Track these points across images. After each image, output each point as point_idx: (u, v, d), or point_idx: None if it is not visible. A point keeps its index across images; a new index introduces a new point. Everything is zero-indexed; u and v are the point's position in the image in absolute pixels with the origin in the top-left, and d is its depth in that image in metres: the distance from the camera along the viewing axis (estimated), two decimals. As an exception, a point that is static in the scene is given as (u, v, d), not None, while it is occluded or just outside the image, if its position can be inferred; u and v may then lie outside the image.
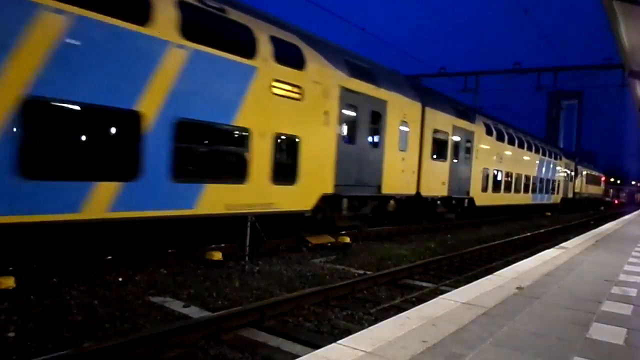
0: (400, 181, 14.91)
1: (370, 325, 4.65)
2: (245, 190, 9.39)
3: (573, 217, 33.03)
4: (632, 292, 5.96)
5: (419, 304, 5.01)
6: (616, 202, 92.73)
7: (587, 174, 50.04)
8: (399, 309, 6.28)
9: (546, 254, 9.00)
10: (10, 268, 6.81)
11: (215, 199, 8.75)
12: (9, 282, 6.23)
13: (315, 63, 11.07)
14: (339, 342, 3.49)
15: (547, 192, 33.33)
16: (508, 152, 25.09)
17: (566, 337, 3.98)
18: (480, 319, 4.33)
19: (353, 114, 12.57)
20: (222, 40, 8.92)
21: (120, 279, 7.32)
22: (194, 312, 6.14)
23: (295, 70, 10.46)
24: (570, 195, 40.76)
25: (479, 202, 21.26)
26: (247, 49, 9.34)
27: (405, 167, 15.12)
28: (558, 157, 36.23)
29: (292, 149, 10.62)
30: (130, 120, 7.38)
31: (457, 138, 18.91)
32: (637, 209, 46.38)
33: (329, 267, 9.48)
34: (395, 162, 14.58)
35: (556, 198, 36.11)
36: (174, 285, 7.24)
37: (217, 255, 9.02)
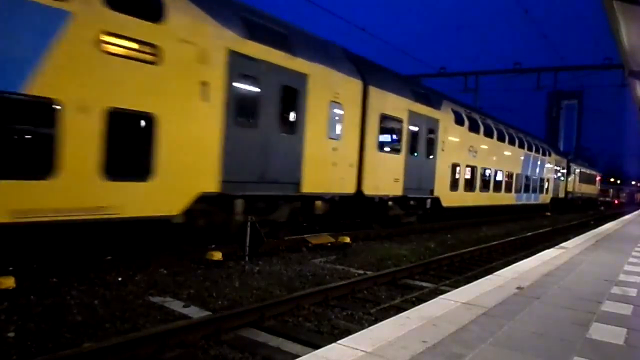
0: (330, 177, 12.02)
1: (370, 325, 4.65)
2: (52, 189, 6.64)
3: (573, 217, 33.01)
4: (632, 292, 5.96)
5: (419, 304, 5.01)
6: (616, 202, 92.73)
7: (580, 172, 46.86)
8: (399, 309, 6.27)
9: (546, 254, 9.00)
10: (10, 268, 6.81)
11: None
12: (9, 282, 6.23)
13: (183, 15, 8.20)
14: (339, 342, 3.49)
15: (534, 191, 30.17)
16: (485, 146, 21.89)
17: (566, 337, 3.98)
18: (480, 319, 4.33)
19: (252, 88, 9.69)
20: None
21: (120, 279, 7.32)
22: (194, 312, 6.14)
23: (147, 22, 7.62)
24: (561, 195, 38.02)
25: (447, 202, 18.10)
26: None
27: (338, 159, 12.21)
28: (547, 153, 32.80)
29: (144, 131, 7.78)
30: None
31: (415, 127, 15.65)
32: (637, 209, 46.16)
33: (329, 267, 9.48)
34: (322, 152, 11.69)
35: (545, 198, 33.27)
36: (174, 285, 7.24)
37: (217, 255, 9.02)
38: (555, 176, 35.51)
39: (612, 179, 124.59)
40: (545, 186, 33.01)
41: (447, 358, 3.31)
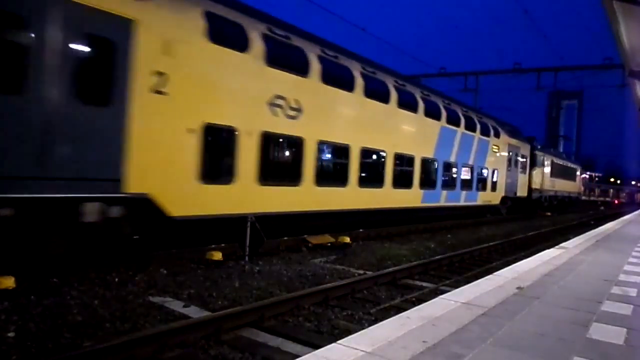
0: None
1: (370, 325, 4.65)
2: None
3: (573, 217, 33.00)
4: (632, 292, 5.96)
5: (419, 304, 5.01)
6: (616, 202, 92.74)
7: (553, 164, 35.97)
8: (399, 309, 6.27)
9: (546, 254, 9.00)
10: (10, 268, 6.81)
11: None
12: (9, 282, 6.24)
13: None
14: (339, 342, 3.49)
15: (465, 187, 20.39)
16: (345, 104, 12.85)
17: (566, 337, 3.98)
18: (480, 319, 4.33)
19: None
20: None
21: (120, 279, 7.32)
22: (194, 312, 6.14)
23: None
24: (521, 192, 28.10)
25: (179, 208, 8.44)
26: None
27: None
28: (493, 133, 23.05)
29: None
30: None
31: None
32: (637, 209, 45.87)
33: (329, 267, 9.49)
34: None
35: (490, 197, 23.38)
36: (174, 285, 7.24)
37: (217, 255, 9.02)
38: (510, 167, 25.58)
39: (611, 179, 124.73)
40: (491, 180, 23.15)
41: (447, 358, 3.31)
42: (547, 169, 34.15)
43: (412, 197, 16.46)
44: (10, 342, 4.75)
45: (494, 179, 23.76)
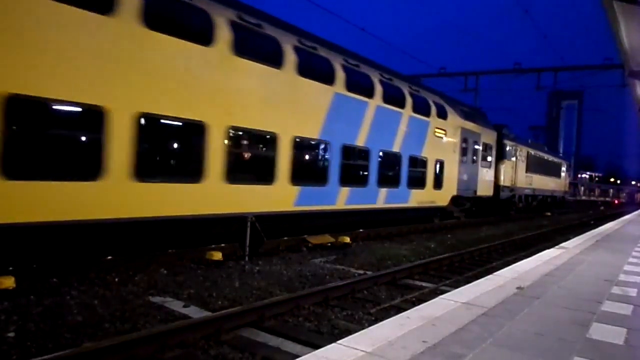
0: None
1: (370, 325, 4.65)
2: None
3: (573, 217, 32.98)
4: (632, 292, 5.96)
5: (419, 304, 5.01)
6: (616, 202, 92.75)
7: (532, 156, 30.16)
8: (399, 309, 6.28)
9: (546, 254, 9.00)
10: (10, 268, 6.81)
11: None
12: (9, 282, 6.24)
13: None
14: (339, 342, 3.49)
15: (387, 183, 15.00)
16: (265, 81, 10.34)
17: (566, 337, 3.98)
18: (480, 319, 4.33)
19: None
20: None
21: (120, 279, 7.32)
22: (194, 312, 6.14)
23: None
24: (486, 191, 22.76)
25: None
26: None
27: None
28: (439, 113, 17.82)
29: None
30: None
31: None
32: (637, 209, 45.75)
33: (329, 267, 9.49)
34: None
35: (433, 197, 17.75)
36: (174, 285, 7.24)
37: (217, 255, 9.02)
38: (466, 159, 20.06)
39: (611, 179, 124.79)
40: (433, 174, 17.53)
41: (447, 358, 3.31)
42: (522, 163, 28.41)
43: (278, 198, 10.88)
44: (10, 342, 4.75)
45: (439, 173, 17.81)
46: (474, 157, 21.38)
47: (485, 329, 4.03)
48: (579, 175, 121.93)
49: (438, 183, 18.11)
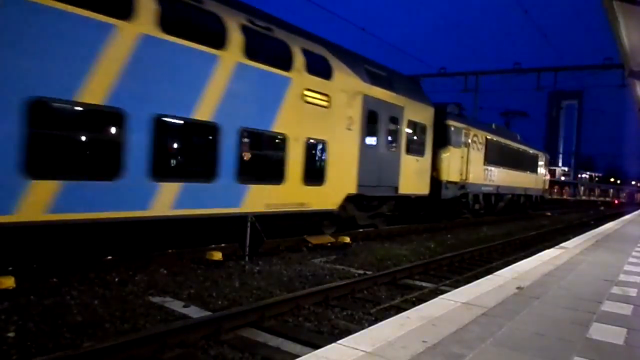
0: None
1: (370, 325, 4.65)
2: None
3: (573, 217, 32.96)
4: (632, 292, 5.96)
5: (419, 304, 5.01)
6: (616, 202, 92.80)
7: (492, 144, 23.45)
8: (399, 309, 6.28)
9: (546, 254, 9.00)
10: (10, 268, 6.81)
11: None
12: (9, 282, 6.23)
13: None
14: (339, 342, 3.49)
15: (190, 175, 9.03)
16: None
17: (566, 337, 3.98)
18: (480, 319, 4.33)
19: None
20: None
21: (120, 279, 7.32)
22: (194, 312, 6.14)
23: None
24: (417, 188, 16.54)
25: None
26: None
27: None
28: (314, 67, 11.59)
29: None
30: None
31: None
32: (637, 209, 45.68)
33: (329, 267, 9.49)
34: None
35: (308, 196, 11.55)
36: (174, 285, 7.24)
37: (217, 255, 9.02)
38: (376, 141, 14.22)
39: (612, 179, 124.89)
40: (302, 161, 11.35)
41: (447, 358, 3.31)
42: (478, 153, 21.72)
43: None
44: (10, 342, 4.75)
45: (317, 160, 12.03)
46: (393, 141, 14.86)
47: (485, 329, 4.03)
48: (579, 175, 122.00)
49: (314, 175, 11.69)
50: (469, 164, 20.60)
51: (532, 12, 21.83)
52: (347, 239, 12.26)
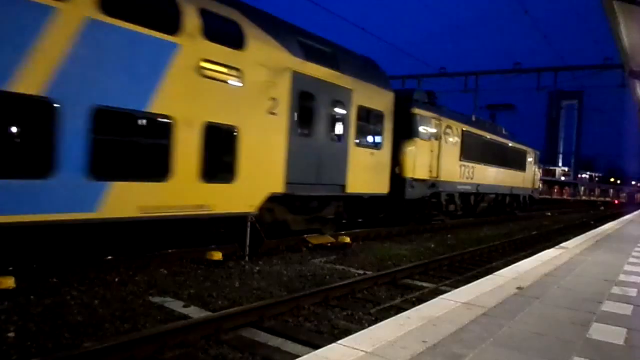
0: None
1: (370, 325, 4.65)
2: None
3: (573, 217, 32.94)
4: (632, 292, 5.96)
5: (419, 304, 5.01)
6: (616, 202, 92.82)
7: (469, 137, 20.50)
8: (399, 309, 6.27)
9: (546, 254, 9.00)
10: (10, 268, 6.81)
11: None
12: (9, 282, 6.23)
13: None
14: (339, 342, 3.49)
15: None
16: None
17: (566, 337, 3.98)
18: (480, 319, 4.33)
19: None
20: None
21: (120, 279, 7.32)
22: (194, 312, 6.14)
23: None
24: (375, 187, 13.86)
25: None
26: None
27: None
28: (219, 34, 9.01)
29: None
30: None
31: None
32: (637, 209, 45.66)
33: (329, 267, 9.49)
34: None
35: (212, 196, 8.92)
36: (174, 285, 7.24)
37: (217, 255, 9.02)
38: (312, 130, 11.47)
39: (612, 179, 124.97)
40: (198, 152, 8.63)
41: (447, 358, 3.31)
42: (453, 147, 19.07)
43: None
44: (10, 342, 4.75)
45: (221, 151, 9.41)
46: (336, 129, 12.34)
47: (485, 329, 4.03)
48: (579, 175, 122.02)
49: (219, 169, 9.31)
50: (441, 159, 17.79)
51: (532, 12, 21.81)
52: (347, 239, 12.26)
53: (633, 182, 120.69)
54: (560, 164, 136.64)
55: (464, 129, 20.00)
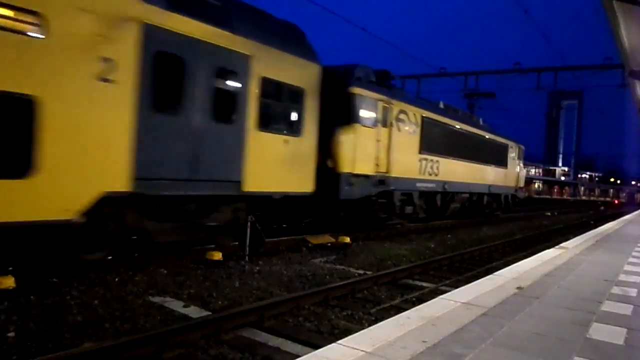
0: None
1: (370, 325, 4.65)
2: None
3: (573, 217, 32.94)
4: (632, 292, 5.96)
5: (419, 304, 5.01)
6: (616, 202, 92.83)
7: (432, 124, 17.21)
8: (399, 309, 6.27)
9: (546, 254, 9.00)
10: (10, 268, 6.81)
11: None
12: (9, 282, 6.23)
13: None
14: (339, 342, 3.49)
15: None
16: None
17: (566, 337, 3.98)
18: (480, 319, 4.33)
19: None
20: None
21: (120, 279, 7.32)
22: (194, 312, 6.14)
23: None
24: (287, 185, 10.83)
25: None
26: None
27: None
28: None
29: None
30: None
31: None
32: (637, 209, 45.65)
33: (329, 267, 9.49)
34: None
35: None
36: (174, 285, 7.24)
37: (217, 255, 9.02)
38: (190, 107, 8.66)
39: (612, 179, 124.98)
40: None
41: (447, 358, 3.31)
42: (409, 136, 15.70)
43: None
44: (10, 342, 4.75)
45: (8, 134, 6.31)
46: (226, 108, 9.44)
47: (485, 329, 4.03)
48: (579, 175, 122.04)
49: None
50: (392, 150, 14.45)
51: (532, 12, 21.81)
52: (347, 239, 12.26)
53: (633, 182, 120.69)
54: (560, 164, 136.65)
55: (424, 115, 16.59)
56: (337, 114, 12.46)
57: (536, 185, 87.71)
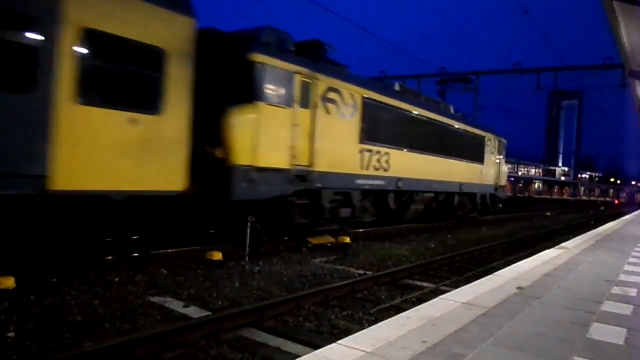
0: None
1: (370, 325, 4.65)
2: None
3: (573, 217, 32.93)
4: (632, 292, 5.96)
5: (419, 304, 5.01)
6: (616, 202, 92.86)
7: (379, 107, 13.61)
8: (399, 309, 6.27)
9: (546, 254, 9.00)
10: (10, 268, 6.81)
11: None
12: (9, 282, 6.24)
13: None
14: (339, 342, 3.49)
15: None
16: None
17: (566, 337, 3.98)
18: (480, 319, 4.33)
19: None
20: None
21: (120, 279, 7.33)
22: (194, 312, 6.14)
23: None
24: (137, 181, 7.64)
25: None
26: None
27: None
28: None
29: None
30: None
31: None
32: (637, 209, 45.64)
33: (329, 267, 9.49)
34: None
35: None
36: (174, 285, 7.24)
37: (217, 255, 9.02)
38: None
39: (612, 179, 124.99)
40: None
41: (447, 358, 3.31)
42: (345, 120, 12.39)
43: None
44: (10, 342, 4.74)
45: None
46: (6, 69, 6.22)
47: (485, 329, 4.03)
48: (579, 175, 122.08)
49: None
50: (316, 138, 11.30)
51: (532, 12, 21.82)
52: (347, 239, 12.26)
53: (633, 182, 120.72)
54: (560, 164, 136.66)
55: (366, 96, 13.11)
56: (233, 89, 9.62)
57: (536, 185, 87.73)
